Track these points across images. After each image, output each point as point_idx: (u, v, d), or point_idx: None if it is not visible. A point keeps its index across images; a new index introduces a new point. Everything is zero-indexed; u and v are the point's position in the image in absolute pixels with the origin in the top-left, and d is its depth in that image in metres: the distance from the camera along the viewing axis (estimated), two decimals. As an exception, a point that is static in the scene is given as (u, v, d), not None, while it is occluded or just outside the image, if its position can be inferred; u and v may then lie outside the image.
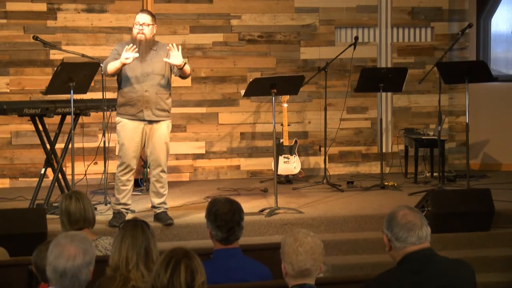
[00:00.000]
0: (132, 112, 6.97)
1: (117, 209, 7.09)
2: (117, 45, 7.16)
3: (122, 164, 7.02)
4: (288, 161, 9.19)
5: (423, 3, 10.13)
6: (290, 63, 9.83)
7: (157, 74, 7.01)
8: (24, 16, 9.18)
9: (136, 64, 6.94)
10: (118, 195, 7.09)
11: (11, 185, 9.17)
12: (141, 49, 6.94)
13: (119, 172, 7.04)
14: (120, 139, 7.02)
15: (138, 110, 6.97)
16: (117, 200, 7.10)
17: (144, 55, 6.97)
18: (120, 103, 7.01)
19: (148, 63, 6.99)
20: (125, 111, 6.99)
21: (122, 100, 7.00)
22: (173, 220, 7.09)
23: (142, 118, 6.98)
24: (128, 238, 3.95)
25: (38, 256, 4.07)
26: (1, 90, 9.10)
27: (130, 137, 6.98)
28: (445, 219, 7.04)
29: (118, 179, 7.07)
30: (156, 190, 7.10)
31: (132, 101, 6.96)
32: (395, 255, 3.67)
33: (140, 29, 6.96)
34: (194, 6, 9.57)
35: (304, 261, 3.55)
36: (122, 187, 7.06)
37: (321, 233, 6.97)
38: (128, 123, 6.99)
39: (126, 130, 6.99)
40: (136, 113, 6.97)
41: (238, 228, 4.25)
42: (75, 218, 4.84)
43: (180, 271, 3.18)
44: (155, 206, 7.14)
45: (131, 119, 6.99)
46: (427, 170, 9.63)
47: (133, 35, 6.99)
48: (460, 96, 9.85)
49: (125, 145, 6.98)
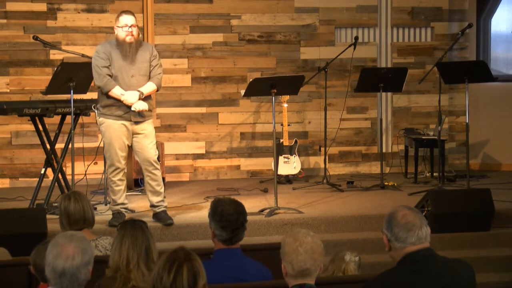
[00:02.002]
0: (118, 113, 6.96)
1: (116, 209, 7.10)
2: (99, 46, 7.06)
3: (111, 165, 7.01)
4: (288, 161, 9.19)
5: (423, 3, 10.12)
6: (290, 63, 9.82)
7: (143, 75, 7.04)
8: (24, 16, 9.18)
9: (124, 66, 6.96)
10: (113, 196, 7.09)
11: (11, 185, 9.17)
12: (131, 51, 6.95)
13: (110, 173, 7.04)
14: (106, 140, 7.00)
15: (125, 111, 6.96)
16: (114, 201, 7.10)
17: (133, 57, 6.97)
18: (106, 104, 6.97)
19: (136, 64, 7.00)
20: (111, 112, 6.96)
21: (108, 101, 6.96)
22: (173, 220, 7.08)
23: (129, 119, 6.98)
24: (128, 238, 3.95)
25: (37, 256, 4.07)
26: (1, 90, 9.10)
27: (117, 137, 6.96)
28: (445, 219, 7.04)
29: (110, 180, 7.08)
30: (152, 188, 7.09)
31: (119, 102, 6.94)
32: (395, 255, 3.67)
33: (129, 31, 6.94)
34: (194, 6, 9.57)
35: (304, 261, 3.55)
36: (116, 188, 7.06)
37: (321, 233, 6.97)
38: (113, 124, 6.97)
39: (113, 130, 6.97)
40: (123, 114, 6.96)
41: (242, 229, 4.25)
42: (74, 219, 4.85)
43: (182, 274, 3.17)
44: (154, 205, 7.13)
45: (117, 119, 6.97)
46: (427, 170, 9.63)
47: (120, 38, 6.95)
48: (460, 96, 9.85)
49: (113, 145, 6.96)
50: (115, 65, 6.95)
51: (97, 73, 6.94)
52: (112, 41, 7.08)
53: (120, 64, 6.95)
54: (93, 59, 7.00)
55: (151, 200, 7.13)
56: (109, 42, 7.12)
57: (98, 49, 7.02)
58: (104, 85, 6.91)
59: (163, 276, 3.18)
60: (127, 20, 6.96)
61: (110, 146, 6.98)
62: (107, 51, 6.94)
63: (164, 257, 3.24)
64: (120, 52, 6.96)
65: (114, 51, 6.96)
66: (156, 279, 3.20)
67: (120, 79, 6.95)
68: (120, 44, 6.96)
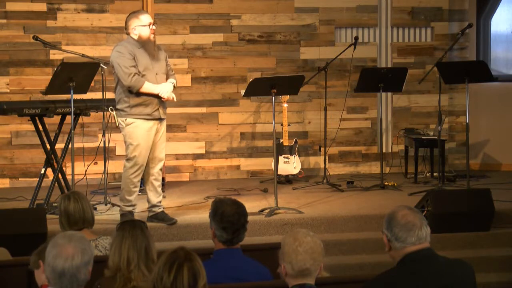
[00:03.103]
0: (147, 111, 6.96)
1: (128, 210, 7.05)
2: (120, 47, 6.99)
3: (135, 165, 6.96)
4: (288, 161, 9.19)
5: (423, 3, 10.12)
6: (290, 63, 9.83)
7: (163, 73, 7.10)
8: (24, 16, 9.18)
9: (150, 64, 6.98)
10: (129, 196, 7.03)
11: (11, 185, 9.17)
12: (156, 49, 7.03)
13: (131, 174, 6.98)
14: (134, 141, 6.95)
15: (154, 109, 6.98)
16: (129, 202, 7.04)
17: (156, 55, 7.02)
18: (133, 104, 6.95)
19: (158, 62, 7.05)
20: (139, 111, 6.95)
21: (136, 100, 6.94)
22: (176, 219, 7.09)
23: (157, 117, 7.01)
24: (128, 239, 3.94)
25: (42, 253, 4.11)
26: (1, 90, 9.10)
27: (147, 138, 6.97)
28: (445, 219, 7.04)
29: (130, 181, 7.00)
30: (154, 189, 7.10)
31: (147, 101, 6.95)
32: (394, 255, 3.67)
33: (153, 29, 7.00)
34: (194, 6, 9.57)
35: (303, 261, 3.55)
36: (134, 189, 7.04)
37: (321, 233, 6.97)
38: (142, 124, 6.96)
39: (142, 130, 6.96)
40: (151, 112, 6.97)
41: (243, 230, 4.25)
42: (74, 219, 4.84)
43: (183, 274, 3.18)
44: (155, 205, 7.12)
45: (146, 119, 6.97)
46: (427, 170, 9.63)
47: (145, 36, 6.96)
48: (460, 96, 9.85)
49: (141, 145, 6.94)
50: (141, 64, 6.94)
51: (125, 73, 6.88)
52: (129, 41, 7.03)
53: (146, 62, 6.95)
54: (118, 59, 6.93)
55: (152, 200, 7.11)
56: (127, 42, 7.06)
57: (121, 49, 6.95)
58: (135, 83, 6.88)
59: (163, 276, 3.18)
60: (150, 18, 7.05)
61: (138, 147, 6.95)
62: (130, 50, 6.92)
63: (164, 257, 3.24)
64: (144, 51, 6.97)
65: (137, 50, 6.95)
66: (157, 279, 3.20)
67: (150, 77, 6.97)
68: (144, 42, 6.97)
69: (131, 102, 6.95)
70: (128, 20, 7.06)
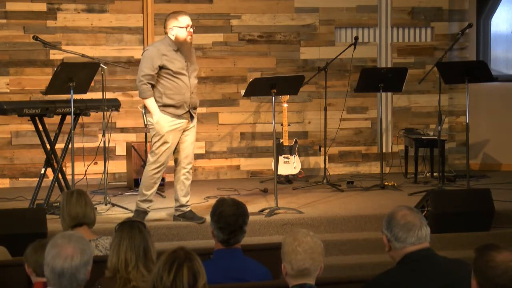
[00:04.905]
0: (178, 113, 6.97)
1: (142, 207, 7.06)
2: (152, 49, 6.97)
3: (158, 161, 6.98)
4: (288, 161, 9.19)
5: (423, 3, 10.13)
6: (290, 63, 9.83)
7: (195, 76, 7.12)
8: (24, 16, 9.18)
9: (185, 67, 6.98)
10: (147, 191, 7.03)
11: (11, 185, 9.17)
12: (192, 52, 7.05)
13: (154, 169, 7.00)
14: (161, 138, 6.97)
15: (184, 112, 6.99)
16: (144, 196, 7.03)
17: (192, 58, 7.04)
18: (166, 104, 6.95)
19: (192, 65, 7.06)
20: (170, 111, 6.97)
21: (169, 101, 6.95)
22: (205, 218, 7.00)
23: (187, 118, 7.03)
24: (125, 240, 3.94)
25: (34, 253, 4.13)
26: (1, 90, 9.10)
27: (176, 138, 7.01)
28: (445, 219, 7.04)
29: (151, 178, 7.02)
30: (185, 188, 7.11)
31: (179, 103, 6.96)
32: (394, 255, 3.68)
33: (190, 31, 6.99)
34: (194, 6, 9.57)
35: (303, 261, 3.55)
36: (154, 185, 7.06)
37: (321, 233, 6.97)
38: (171, 122, 6.98)
39: (170, 128, 6.98)
40: (182, 114, 6.99)
41: (240, 232, 4.24)
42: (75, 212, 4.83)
43: (182, 274, 3.18)
44: (183, 205, 7.12)
45: (178, 119, 7.00)
46: (427, 170, 9.63)
47: (182, 38, 6.93)
48: (460, 96, 9.85)
49: (170, 143, 6.98)
50: (175, 66, 6.92)
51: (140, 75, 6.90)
52: (165, 41, 7.02)
53: (180, 65, 6.95)
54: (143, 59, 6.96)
55: (182, 200, 7.11)
56: (161, 42, 7.06)
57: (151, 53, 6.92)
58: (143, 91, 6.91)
59: (163, 276, 3.18)
60: (188, 20, 7.00)
61: (167, 144, 6.97)
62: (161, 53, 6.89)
63: (164, 257, 3.24)
64: (180, 53, 6.96)
65: (171, 52, 6.94)
66: (156, 279, 3.20)
67: (184, 79, 6.96)
68: (181, 44, 6.96)
69: (164, 102, 6.95)
70: (167, 19, 7.04)
